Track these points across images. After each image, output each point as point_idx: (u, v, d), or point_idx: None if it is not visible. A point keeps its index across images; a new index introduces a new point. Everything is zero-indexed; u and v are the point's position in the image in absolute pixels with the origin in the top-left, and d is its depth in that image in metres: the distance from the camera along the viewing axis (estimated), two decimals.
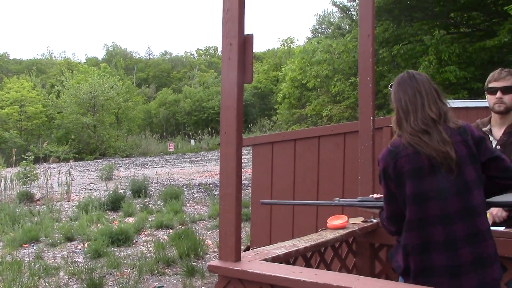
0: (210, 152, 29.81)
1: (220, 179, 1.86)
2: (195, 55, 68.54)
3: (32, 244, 7.38)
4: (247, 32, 1.83)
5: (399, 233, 1.94)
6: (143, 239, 7.71)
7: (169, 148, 31.45)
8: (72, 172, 17.22)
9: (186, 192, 12.68)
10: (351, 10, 18.60)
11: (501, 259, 2.26)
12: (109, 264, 5.98)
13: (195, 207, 10.90)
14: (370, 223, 2.66)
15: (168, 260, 6.12)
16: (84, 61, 61.13)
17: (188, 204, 11.13)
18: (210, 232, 8.17)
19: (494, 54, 12.07)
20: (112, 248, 6.91)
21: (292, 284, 1.65)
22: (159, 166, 22.17)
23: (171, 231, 8.08)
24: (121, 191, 11.97)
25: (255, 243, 5.09)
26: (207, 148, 32.50)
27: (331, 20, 31.91)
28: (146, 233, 8.13)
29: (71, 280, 5.51)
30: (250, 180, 5.89)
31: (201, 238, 7.14)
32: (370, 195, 2.41)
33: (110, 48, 65.88)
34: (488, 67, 11.30)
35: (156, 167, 21.22)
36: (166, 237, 7.67)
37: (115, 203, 10.41)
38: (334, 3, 19.37)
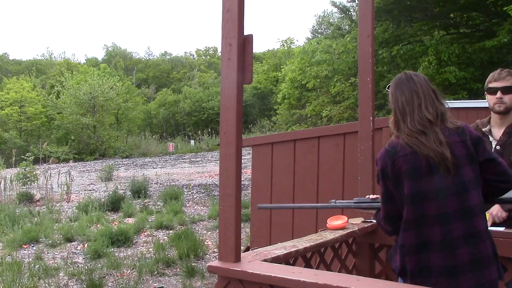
0: (210, 152, 29.81)
1: (220, 180, 1.86)
2: (195, 56, 68.59)
3: (32, 245, 7.37)
4: (247, 32, 1.83)
5: (396, 233, 1.94)
6: (143, 239, 7.70)
7: (169, 149, 31.43)
8: (72, 172, 17.22)
9: (186, 193, 12.67)
10: (351, 10, 18.59)
11: (501, 259, 2.26)
12: (109, 265, 5.98)
13: (195, 207, 10.90)
14: (369, 224, 2.66)
15: (168, 261, 6.12)
16: (84, 61, 61.18)
17: (188, 205, 11.13)
18: (210, 232, 8.17)
19: (493, 55, 12.07)
20: (112, 249, 6.92)
21: (292, 284, 1.65)
22: (159, 166, 22.17)
23: (171, 231, 8.08)
24: (121, 191, 11.97)
25: (255, 243, 5.09)
26: (207, 148, 32.51)
27: (331, 20, 31.89)
28: (146, 233, 8.13)
29: (71, 281, 5.51)
30: (250, 181, 5.89)
31: (201, 238, 7.14)
32: (367, 196, 2.41)
33: (109, 48, 65.94)
34: (488, 67, 11.30)
35: (156, 168, 21.22)
36: (166, 237, 7.66)
37: (115, 204, 10.41)
38: (333, 4, 19.37)
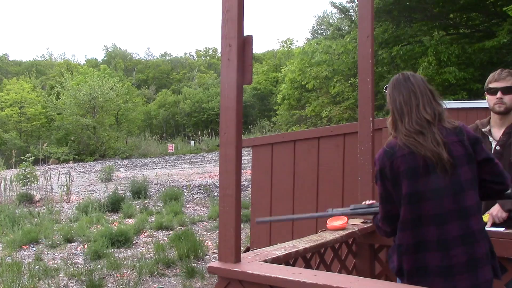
0: (210, 153, 29.82)
1: (219, 180, 1.86)
2: (195, 56, 68.62)
3: (32, 246, 7.37)
4: (247, 33, 1.83)
5: (394, 233, 1.95)
6: (143, 240, 7.70)
7: (168, 149, 31.44)
8: (72, 173, 17.21)
9: (186, 193, 12.67)
10: (351, 11, 18.57)
11: (501, 260, 2.26)
12: (109, 266, 5.98)
13: (195, 208, 10.89)
14: (369, 224, 2.66)
15: (168, 262, 6.12)
16: (84, 62, 61.18)
17: (188, 205, 11.12)
18: (210, 233, 8.16)
19: (493, 55, 12.06)
20: (112, 250, 6.92)
21: (292, 285, 1.64)
22: (159, 167, 22.17)
23: (171, 232, 8.08)
24: (120, 192, 11.96)
25: (255, 244, 5.09)
26: (206, 149, 32.51)
27: (331, 21, 31.87)
28: (146, 234, 8.12)
29: (71, 282, 5.51)
30: (250, 181, 5.89)
31: (201, 239, 7.14)
32: (363, 202, 2.43)
33: (109, 49, 65.97)
34: (488, 68, 11.29)
35: (156, 168, 21.22)
36: (166, 238, 7.66)
37: (115, 205, 10.40)
38: (333, 4, 19.34)
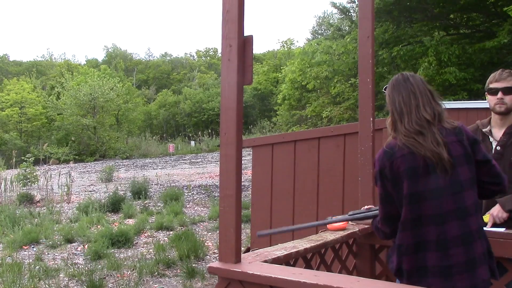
0: (210, 153, 29.82)
1: (220, 181, 1.86)
2: (195, 57, 68.60)
3: (32, 246, 7.37)
4: (247, 33, 1.83)
5: (393, 235, 1.94)
6: (143, 240, 7.70)
7: (169, 150, 31.45)
8: (72, 173, 17.21)
9: (186, 194, 12.67)
10: (351, 11, 18.56)
11: (501, 261, 2.26)
12: (109, 266, 5.98)
13: (195, 208, 10.89)
14: (370, 225, 2.66)
15: (168, 262, 6.12)
16: (84, 62, 61.17)
17: (188, 206, 11.12)
18: (210, 233, 8.17)
19: (493, 55, 12.04)
20: (112, 250, 6.92)
21: (293, 285, 1.64)
22: (159, 167, 22.18)
23: (171, 232, 8.08)
24: (121, 192, 11.96)
25: (255, 244, 5.09)
26: (207, 149, 32.51)
27: (331, 21, 31.84)
28: (146, 234, 8.12)
29: (71, 282, 5.51)
30: (250, 182, 5.89)
31: (201, 239, 7.14)
32: (362, 208, 2.44)
33: (110, 49, 65.96)
34: (488, 68, 11.28)
35: (156, 169, 21.22)
36: (166, 238, 7.66)
37: (115, 205, 10.40)
38: (333, 5, 19.34)
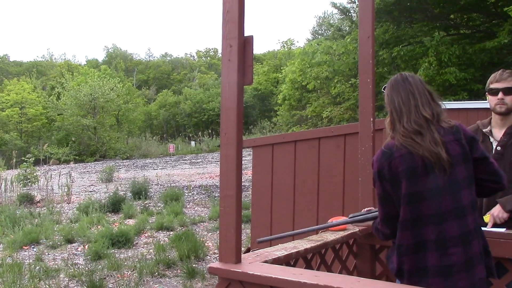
0: (211, 153, 29.83)
1: (220, 181, 1.86)
2: (195, 57, 68.59)
3: (33, 246, 7.37)
4: (247, 33, 1.83)
5: (393, 236, 1.94)
6: (144, 241, 7.70)
7: (169, 150, 31.46)
8: (73, 174, 17.22)
9: (186, 194, 12.68)
10: (351, 11, 18.56)
11: (502, 261, 2.26)
12: (109, 266, 5.98)
13: (196, 208, 10.89)
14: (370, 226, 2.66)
15: (169, 262, 6.12)
16: (85, 63, 61.17)
17: (188, 206, 11.12)
18: (210, 234, 8.16)
19: (494, 56, 12.04)
20: (113, 250, 6.92)
21: (293, 286, 1.64)
22: (160, 168, 22.18)
23: (171, 233, 8.08)
24: (121, 193, 11.96)
25: (255, 245, 5.09)
26: (207, 149, 32.52)
27: (331, 21, 31.86)
28: (146, 235, 8.12)
29: (72, 282, 5.51)
30: (251, 182, 5.89)
31: (201, 240, 7.14)
32: (363, 210, 2.44)
33: (110, 50, 65.96)
34: (488, 68, 11.28)
35: (157, 169, 21.23)
36: (166, 239, 7.66)
37: (115, 205, 10.41)
38: (334, 5, 19.35)
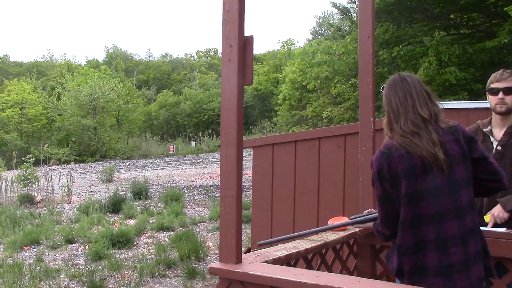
0: (211, 154, 29.82)
1: (220, 181, 1.86)
2: (195, 57, 68.59)
3: (33, 247, 7.37)
4: (247, 33, 1.83)
5: (394, 236, 1.94)
6: (144, 241, 7.70)
7: (169, 150, 31.46)
8: (73, 174, 17.22)
9: (186, 194, 12.67)
10: (351, 11, 18.56)
11: (502, 261, 2.26)
12: (110, 267, 5.98)
13: (196, 209, 10.89)
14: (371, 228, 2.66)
15: (169, 262, 6.11)
16: (85, 63, 61.18)
17: (188, 206, 11.12)
18: (211, 234, 8.16)
19: (494, 55, 12.03)
20: (113, 250, 6.92)
21: (293, 286, 1.64)
22: (160, 168, 22.18)
23: (172, 233, 8.08)
24: (121, 193, 11.96)
25: (255, 245, 5.09)
26: (207, 150, 32.52)
27: (331, 21, 31.84)
28: (147, 235, 8.12)
29: (72, 283, 5.51)
30: (251, 182, 5.89)
31: (202, 240, 7.14)
32: (364, 212, 2.44)
33: (110, 50, 65.99)
34: (489, 68, 11.28)
35: (157, 169, 21.22)
36: (167, 239, 7.66)
37: (115, 205, 10.41)
38: (334, 5, 19.35)
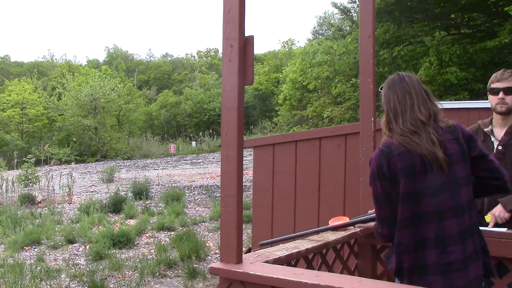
0: (211, 154, 29.82)
1: (221, 181, 1.86)
2: (196, 57, 68.61)
3: (34, 247, 7.38)
4: (248, 33, 1.82)
5: (393, 236, 1.93)
6: (145, 241, 7.71)
7: (170, 150, 31.45)
8: (74, 174, 17.23)
9: (187, 194, 12.67)
10: (352, 11, 18.56)
11: (503, 260, 2.25)
12: (110, 266, 5.98)
13: (197, 209, 10.89)
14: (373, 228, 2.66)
15: (170, 262, 6.12)
16: (85, 63, 61.19)
17: (189, 206, 11.12)
18: (211, 234, 8.16)
19: (495, 55, 12.02)
20: (114, 250, 6.92)
21: (294, 286, 1.64)
22: (161, 168, 22.17)
23: (172, 233, 8.08)
24: (122, 193, 11.97)
25: (256, 245, 5.09)
26: (208, 150, 32.52)
27: (332, 21, 31.86)
28: (147, 235, 8.13)
29: (73, 283, 5.51)
30: (252, 182, 5.89)
31: (202, 240, 7.14)
32: (368, 212, 2.44)
33: (111, 50, 66.02)
34: (489, 68, 11.27)
35: (158, 169, 21.22)
36: (167, 239, 7.66)
37: (116, 205, 10.41)
38: (334, 5, 19.37)
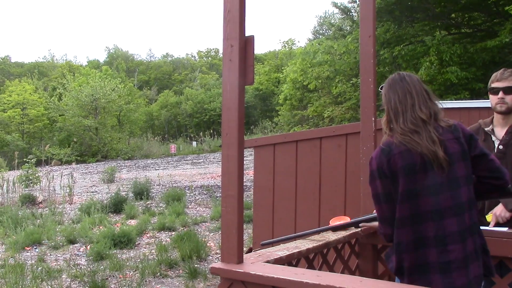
0: (212, 154, 29.81)
1: (222, 181, 1.86)
2: (196, 57, 68.61)
3: (35, 247, 7.39)
4: (248, 33, 1.82)
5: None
6: (146, 241, 7.71)
7: (171, 150, 31.45)
8: (74, 174, 17.24)
9: (188, 194, 12.68)
10: (352, 11, 18.55)
11: (504, 260, 2.25)
12: (111, 267, 5.99)
13: (197, 209, 10.90)
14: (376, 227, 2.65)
15: (171, 262, 6.12)
16: (86, 63, 61.20)
17: (190, 206, 11.12)
18: (212, 234, 8.17)
19: (495, 55, 12.02)
20: (115, 251, 6.93)
21: (295, 286, 1.64)
22: (161, 168, 22.18)
23: (173, 233, 8.08)
24: (123, 193, 11.97)
25: (257, 245, 5.09)
26: (208, 150, 32.51)
27: (332, 21, 31.82)
28: (148, 235, 8.13)
29: (74, 283, 5.52)
30: (252, 182, 5.89)
31: (203, 240, 7.14)
32: (374, 212, 2.43)
33: (111, 50, 66.03)
34: (490, 67, 11.26)
35: (158, 169, 21.23)
36: (168, 239, 7.67)
37: (117, 206, 10.42)
38: (335, 5, 19.34)
